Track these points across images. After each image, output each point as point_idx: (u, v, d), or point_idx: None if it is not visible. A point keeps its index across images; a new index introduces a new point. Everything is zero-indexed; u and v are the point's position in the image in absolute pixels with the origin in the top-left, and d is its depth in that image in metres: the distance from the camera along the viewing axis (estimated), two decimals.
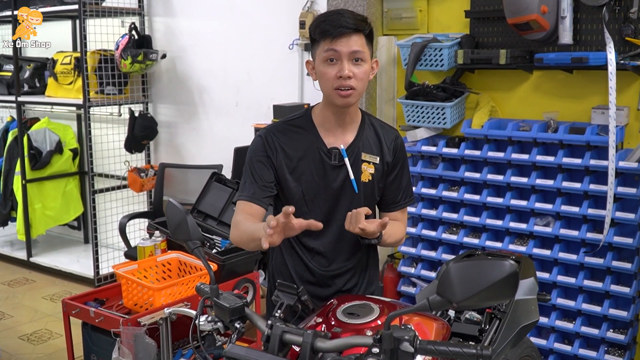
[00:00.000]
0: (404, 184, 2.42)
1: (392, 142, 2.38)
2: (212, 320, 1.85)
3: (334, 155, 2.29)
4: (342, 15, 2.15)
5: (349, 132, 2.33)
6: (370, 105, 4.29)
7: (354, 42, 2.14)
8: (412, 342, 1.53)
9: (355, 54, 2.15)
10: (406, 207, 2.47)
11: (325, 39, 2.15)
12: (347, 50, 2.13)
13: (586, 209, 3.51)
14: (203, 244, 1.93)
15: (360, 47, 2.15)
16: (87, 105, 5.26)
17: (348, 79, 2.15)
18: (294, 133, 2.32)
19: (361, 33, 2.16)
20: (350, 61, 2.15)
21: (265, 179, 2.27)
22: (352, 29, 2.13)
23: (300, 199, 2.30)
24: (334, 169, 2.29)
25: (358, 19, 2.16)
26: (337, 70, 2.15)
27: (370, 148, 2.34)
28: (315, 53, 2.22)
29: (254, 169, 2.29)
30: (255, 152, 2.31)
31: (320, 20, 2.18)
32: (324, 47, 2.16)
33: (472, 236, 3.94)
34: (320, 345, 1.65)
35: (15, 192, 5.97)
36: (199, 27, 5.32)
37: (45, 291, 5.49)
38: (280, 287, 1.82)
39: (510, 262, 1.42)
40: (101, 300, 3.14)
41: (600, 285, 3.50)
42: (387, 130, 2.41)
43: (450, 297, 1.45)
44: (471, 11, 3.91)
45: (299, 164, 2.29)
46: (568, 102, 3.71)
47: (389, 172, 2.38)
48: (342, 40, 2.13)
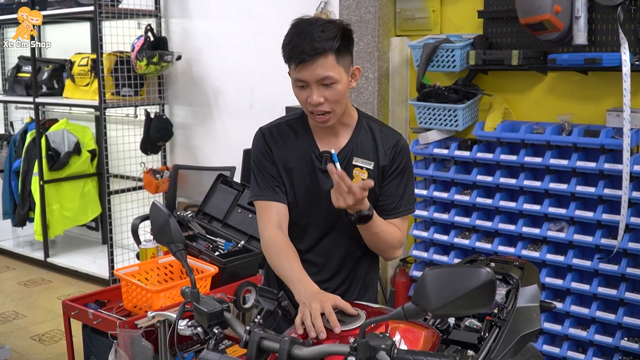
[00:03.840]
0: (400, 192, 2.28)
1: (392, 147, 2.27)
2: (192, 325, 1.80)
3: (324, 159, 2.22)
4: (307, 36, 2.01)
5: (342, 135, 2.26)
6: (382, 107, 4.24)
7: (319, 68, 2.03)
8: (388, 352, 1.48)
9: (323, 80, 2.05)
10: (403, 216, 2.32)
11: (291, 64, 2.07)
12: (314, 78, 2.04)
13: (600, 214, 3.41)
14: (186, 247, 1.89)
15: (327, 71, 2.03)
16: (103, 106, 5.28)
17: (320, 105, 2.07)
18: (290, 134, 2.28)
19: (328, 53, 2.03)
20: (320, 86, 2.06)
21: (275, 175, 2.25)
22: (317, 53, 2.01)
23: (294, 201, 2.26)
24: (325, 173, 2.21)
25: (324, 38, 2.02)
26: (307, 95, 2.08)
27: (364, 153, 2.25)
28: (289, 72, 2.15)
29: (262, 166, 2.27)
30: (259, 149, 2.29)
31: (286, 41, 2.08)
32: (292, 73, 2.10)
33: (484, 241, 3.86)
34: (297, 353, 1.61)
35: (33, 192, 6.01)
36: (214, 29, 5.30)
37: (60, 291, 5.51)
38: (261, 292, 1.77)
39: (487, 270, 1.35)
40: (102, 302, 3.13)
41: (615, 292, 3.40)
42: (386, 135, 2.30)
43: (425, 306, 1.40)
44: (484, 11, 3.83)
45: (292, 165, 2.25)
46: (583, 104, 3.62)
47: (385, 177, 2.28)
48: (307, 67, 2.03)
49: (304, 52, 2.01)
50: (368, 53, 4.17)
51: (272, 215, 2.22)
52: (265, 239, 2.20)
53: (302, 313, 1.82)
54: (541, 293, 2.60)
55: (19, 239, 6.74)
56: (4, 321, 4.91)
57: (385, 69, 4.23)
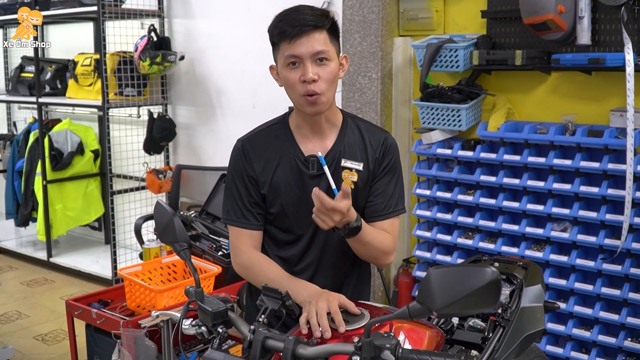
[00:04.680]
0: (389, 191, 2.20)
1: (380, 146, 2.20)
2: (196, 325, 1.80)
3: (311, 164, 2.14)
4: (300, 12, 2.00)
5: (328, 137, 2.18)
6: (385, 107, 4.23)
7: (315, 41, 1.99)
8: (393, 351, 1.47)
9: (318, 54, 2.00)
10: (391, 219, 2.21)
11: (284, 40, 2.00)
12: (309, 51, 1.99)
13: (604, 214, 3.40)
14: (190, 247, 1.89)
15: (323, 46, 2.00)
16: (106, 106, 5.28)
17: (313, 83, 2.00)
18: (271, 141, 2.18)
19: (322, 29, 2.01)
20: (314, 62, 2.00)
21: (251, 199, 2.16)
22: (312, 25, 1.98)
23: (281, 212, 2.17)
24: (313, 179, 2.14)
25: (317, 14, 2.02)
26: (300, 73, 2.01)
27: (353, 153, 2.17)
28: (276, 57, 2.09)
29: (237, 188, 2.17)
30: (236, 168, 2.19)
31: (277, 20, 2.04)
32: (284, 51, 2.02)
33: (487, 241, 3.85)
34: (302, 352, 1.61)
35: (36, 192, 6.02)
36: (217, 29, 5.30)
37: (63, 291, 5.51)
38: (265, 291, 1.77)
39: (492, 269, 1.35)
40: (105, 301, 3.13)
41: (618, 292, 3.39)
42: (373, 133, 2.23)
43: (430, 305, 1.39)
44: (488, 11, 3.82)
45: (275, 174, 2.15)
46: (586, 104, 3.61)
47: (374, 176, 2.20)
48: (302, 41, 1.98)
49: (301, 23, 1.97)
50: (371, 53, 4.17)
51: (245, 240, 2.16)
52: (244, 261, 2.14)
53: (308, 312, 1.81)
54: (545, 293, 2.59)
55: (21, 239, 6.75)
56: (6, 321, 4.91)
57: (389, 69, 4.23)
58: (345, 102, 4.30)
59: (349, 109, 4.28)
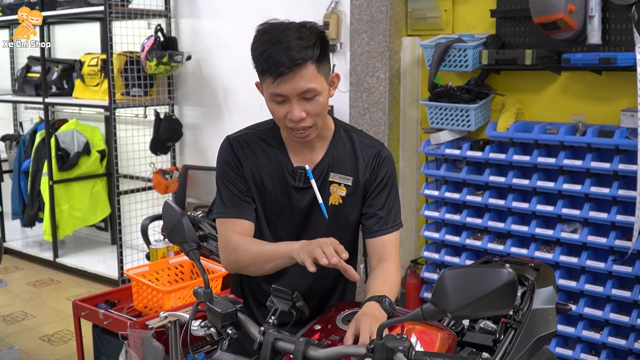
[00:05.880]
0: (386, 207, 2.10)
1: (373, 159, 2.10)
2: (205, 326, 1.78)
3: (298, 176, 2.06)
4: (285, 46, 1.83)
5: (318, 149, 2.09)
6: (393, 107, 4.21)
7: (301, 79, 1.85)
8: (406, 353, 1.45)
9: (304, 94, 1.87)
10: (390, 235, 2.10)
11: (268, 76, 1.86)
12: (295, 92, 1.86)
13: (615, 215, 3.38)
14: (199, 247, 1.87)
15: (310, 83, 1.86)
16: (112, 106, 5.27)
17: (301, 121, 1.90)
18: (261, 147, 2.10)
19: (308, 64, 1.85)
20: (301, 100, 1.88)
21: (245, 192, 2.08)
22: (298, 64, 1.83)
23: (261, 218, 2.10)
24: (299, 191, 2.07)
25: (303, 46, 1.84)
26: (286, 110, 1.90)
27: (342, 167, 2.09)
28: (261, 82, 1.95)
29: (229, 181, 2.08)
30: (226, 162, 2.10)
31: (259, 52, 1.87)
32: (268, 87, 1.89)
33: (496, 242, 3.83)
34: (312, 354, 1.58)
35: (43, 193, 6.01)
36: (223, 29, 5.29)
37: (69, 292, 5.50)
38: (275, 292, 1.74)
39: (508, 270, 1.33)
40: (112, 302, 3.12)
41: (629, 294, 3.36)
42: (366, 146, 2.12)
43: (445, 307, 1.37)
44: (497, 10, 3.80)
45: (262, 180, 2.08)
46: (597, 104, 3.58)
47: (367, 192, 2.11)
48: (286, 80, 1.84)
49: (282, 64, 1.82)
50: (379, 53, 4.14)
51: (236, 229, 2.05)
52: (234, 245, 2.02)
53: (308, 252, 1.73)
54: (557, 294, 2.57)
55: (27, 240, 6.74)
56: (12, 321, 4.90)
57: (397, 68, 4.20)
58: (352, 102, 4.28)
59: (357, 109, 4.26)
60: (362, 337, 1.63)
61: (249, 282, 2.25)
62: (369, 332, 1.63)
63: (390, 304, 1.76)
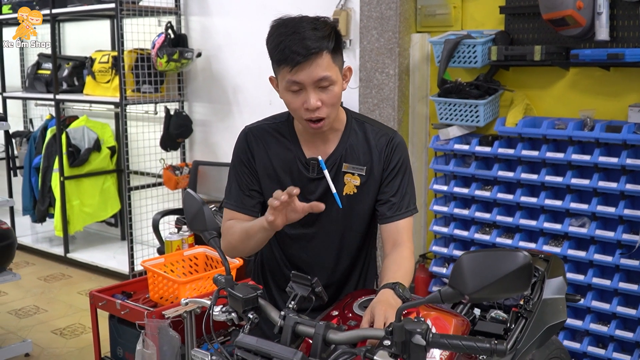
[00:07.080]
0: (400, 192, 2.14)
1: (385, 147, 2.15)
2: (227, 311, 1.83)
3: (311, 167, 2.12)
4: (301, 35, 1.89)
5: (331, 140, 2.15)
6: (403, 103, 4.26)
7: (318, 68, 1.90)
8: (424, 335, 1.49)
9: (321, 81, 1.92)
10: (404, 220, 2.14)
11: (285, 65, 1.92)
12: (311, 80, 1.91)
13: (622, 210, 3.42)
14: (219, 235, 1.92)
15: (325, 71, 1.92)
16: (123, 103, 5.33)
17: (317, 110, 1.95)
18: (275, 138, 2.17)
19: (323, 53, 1.91)
20: (317, 88, 1.93)
21: (251, 186, 2.16)
22: (315, 52, 1.89)
23: None
24: (312, 182, 2.13)
25: (319, 36, 1.91)
26: (302, 100, 1.95)
27: (355, 157, 2.14)
28: (276, 74, 2.02)
29: (238, 174, 2.17)
30: (239, 154, 2.19)
31: (275, 43, 1.94)
32: (284, 76, 1.94)
33: (505, 236, 3.87)
34: (332, 337, 1.63)
35: (54, 189, 6.06)
36: (233, 26, 5.33)
37: (80, 286, 5.56)
38: (295, 278, 1.79)
39: (524, 254, 1.37)
40: (128, 293, 3.16)
41: (636, 287, 3.40)
42: (379, 134, 2.17)
43: (462, 289, 1.41)
44: (506, 7, 3.84)
45: (276, 172, 2.15)
46: (605, 100, 3.62)
47: (381, 180, 2.16)
48: (303, 68, 1.90)
49: (299, 53, 1.88)
50: (389, 49, 4.19)
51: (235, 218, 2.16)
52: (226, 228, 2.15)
53: (269, 206, 1.84)
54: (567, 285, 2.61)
55: (37, 235, 6.79)
56: (25, 315, 4.96)
57: (406, 65, 4.25)
58: (362, 99, 4.33)
59: (367, 105, 4.30)
60: (376, 323, 1.68)
61: (271, 268, 2.32)
62: (384, 318, 1.68)
63: (404, 290, 1.81)
